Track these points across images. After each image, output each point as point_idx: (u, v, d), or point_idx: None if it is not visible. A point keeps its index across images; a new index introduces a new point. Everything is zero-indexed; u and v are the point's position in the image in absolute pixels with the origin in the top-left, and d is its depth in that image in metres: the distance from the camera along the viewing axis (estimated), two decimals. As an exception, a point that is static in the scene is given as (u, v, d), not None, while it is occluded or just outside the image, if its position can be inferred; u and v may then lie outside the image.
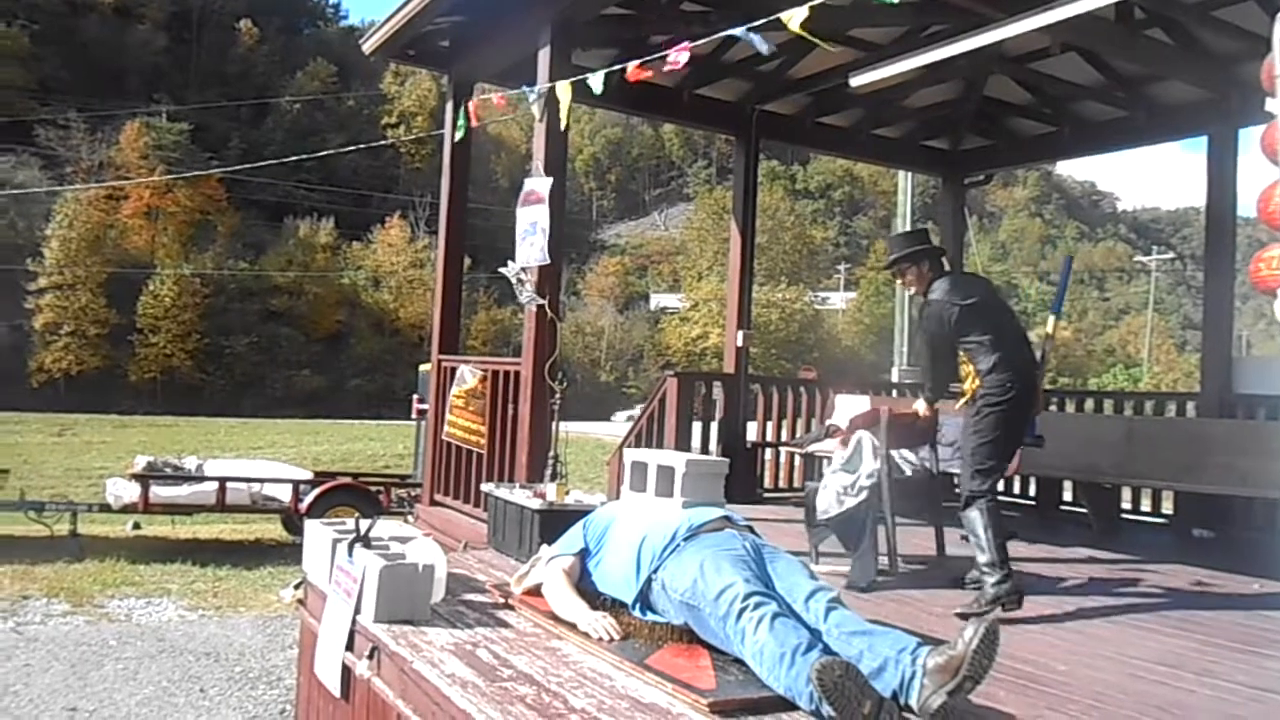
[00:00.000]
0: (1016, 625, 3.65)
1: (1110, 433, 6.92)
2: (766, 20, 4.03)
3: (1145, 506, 7.37)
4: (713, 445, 7.46)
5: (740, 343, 7.69)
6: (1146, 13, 5.76)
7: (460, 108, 6.33)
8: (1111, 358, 64.74)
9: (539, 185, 5.21)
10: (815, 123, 8.15)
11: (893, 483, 4.54)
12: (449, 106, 6.71)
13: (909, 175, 15.85)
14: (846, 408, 6.41)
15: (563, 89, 5.04)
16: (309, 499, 10.56)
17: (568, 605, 3.26)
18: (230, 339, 53.17)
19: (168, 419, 37.87)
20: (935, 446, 4.91)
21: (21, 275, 48.42)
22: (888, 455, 4.54)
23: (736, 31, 4.16)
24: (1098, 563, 5.36)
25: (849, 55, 6.63)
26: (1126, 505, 7.27)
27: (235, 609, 7.85)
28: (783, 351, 58.36)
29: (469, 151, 6.83)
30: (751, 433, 7.68)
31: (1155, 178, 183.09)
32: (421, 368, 12.93)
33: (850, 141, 8.68)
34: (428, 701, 2.73)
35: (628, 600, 3.22)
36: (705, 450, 7.30)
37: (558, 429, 5.15)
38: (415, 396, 12.87)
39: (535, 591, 3.53)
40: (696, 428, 7.36)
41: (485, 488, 5.08)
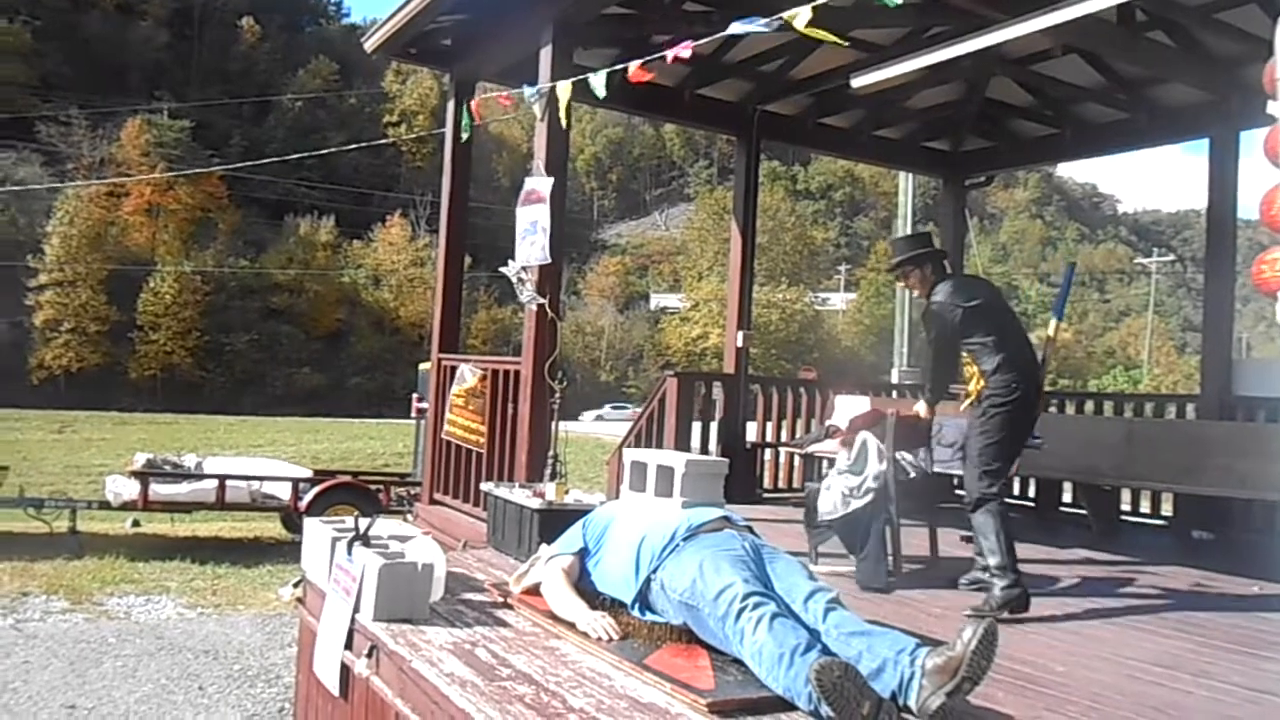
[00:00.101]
0: (1015, 626, 3.66)
1: (1110, 434, 6.93)
2: (769, 20, 4.03)
3: (1145, 508, 7.37)
4: (712, 445, 7.46)
5: (740, 343, 7.70)
6: (1148, 15, 5.76)
7: (462, 107, 6.34)
8: (1112, 359, 64.83)
9: (540, 184, 5.22)
10: (816, 123, 8.15)
11: (898, 485, 4.54)
12: (450, 105, 6.72)
13: (910, 176, 15.83)
14: (846, 408, 6.40)
15: (564, 88, 5.05)
16: (308, 497, 10.57)
17: (567, 605, 3.26)
18: (230, 337, 53.24)
19: (168, 416, 37.92)
20: (930, 447, 4.92)
21: (22, 272, 48.48)
22: (893, 458, 4.54)
23: (737, 28, 4.14)
24: (1097, 564, 5.37)
25: (850, 56, 6.64)
26: (1126, 507, 7.26)
27: (234, 607, 7.85)
28: (783, 352, 58.40)
29: (470, 150, 6.83)
30: (751, 433, 7.68)
31: (1156, 180, 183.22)
32: (421, 366, 12.93)
33: (851, 142, 8.68)
34: (426, 700, 2.73)
35: (627, 600, 3.22)
36: (705, 450, 7.30)
37: (557, 428, 5.16)
38: (415, 395, 12.88)
39: (534, 591, 3.53)
40: (696, 428, 7.37)
41: (485, 487, 5.08)
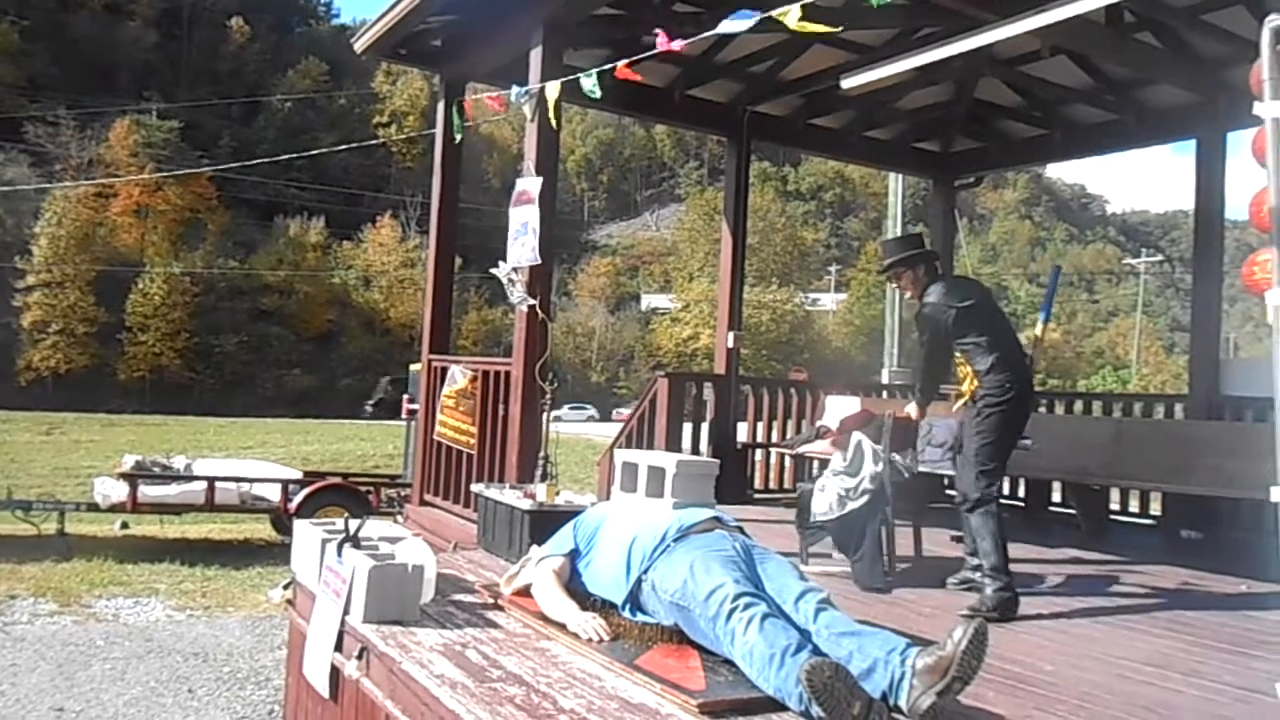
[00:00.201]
0: (1005, 626, 3.67)
1: (1099, 434, 6.96)
2: (760, 18, 4.03)
3: (1134, 508, 7.41)
4: (703, 446, 7.45)
5: (731, 344, 7.70)
6: (1136, 16, 5.78)
7: (452, 107, 6.32)
8: (1100, 360, 65.20)
9: (530, 185, 5.22)
10: (807, 124, 8.16)
11: (893, 485, 4.55)
12: (440, 106, 6.70)
13: (900, 177, 15.84)
14: (837, 409, 6.42)
15: (553, 89, 5.04)
16: (298, 499, 10.52)
17: (557, 606, 3.26)
18: (220, 338, 53.03)
19: (156, 418, 37.69)
20: (916, 448, 4.94)
21: (10, 273, 48.22)
22: (889, 459, 4.55)
23: (727, 26, 4.14)
24: (1086, 563, 5.39)
25: (840, 57, 6.65)
26: (1115, 506, 7.29)
27: (224, 609, 7.82)
28: (773, 353, 58.49)
29: (460, 151, 6.80)
30: (742, 434, 7.69)
31: (1144, 181, 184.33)
32: (412, 367, 12.90)
33: (841, 143, 8.69)
34: (416, 702, 2.72)
35: (618, 601, 3.22)
36: (695, 451, 7.30)
37: (548, 430, 5.15)
38: (405, 396, 12.84)
39: (525, 592, 3.52)
40: (687, 428, 7.37)
41: (475, 488, 5.07)
